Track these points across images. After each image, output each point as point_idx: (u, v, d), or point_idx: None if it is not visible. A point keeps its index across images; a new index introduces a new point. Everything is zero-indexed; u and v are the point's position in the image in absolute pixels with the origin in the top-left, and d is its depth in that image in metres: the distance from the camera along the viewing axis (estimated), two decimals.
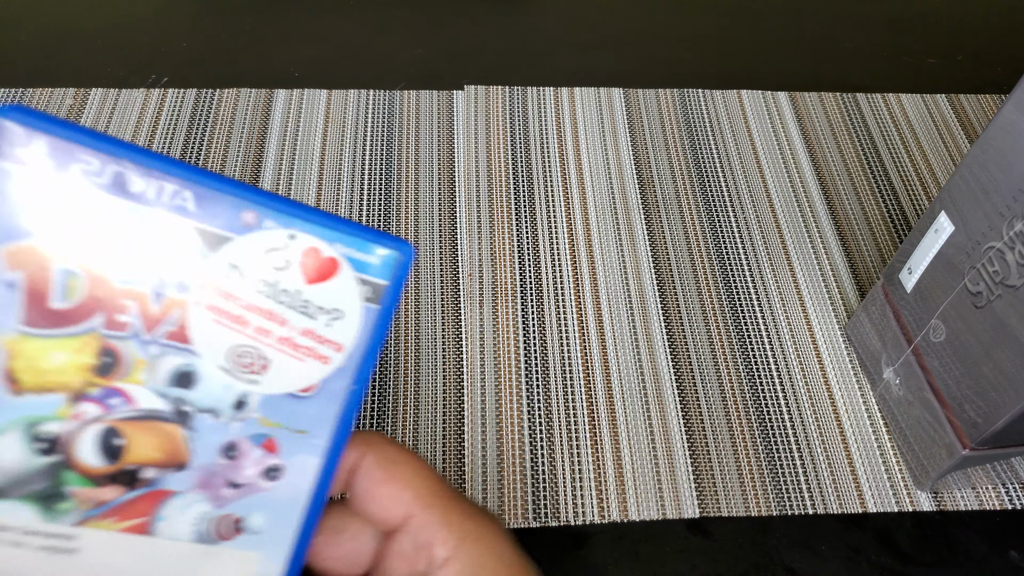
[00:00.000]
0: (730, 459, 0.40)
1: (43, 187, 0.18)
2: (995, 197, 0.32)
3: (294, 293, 0.20)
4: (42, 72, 0.55)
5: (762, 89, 0.57)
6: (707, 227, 0.49)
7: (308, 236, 0.20)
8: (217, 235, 0.19)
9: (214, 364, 0.20)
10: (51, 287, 0.19)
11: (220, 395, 0.21)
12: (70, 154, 0.18)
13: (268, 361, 0.21)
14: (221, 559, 0.21)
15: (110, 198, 0.19)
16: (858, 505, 0.39)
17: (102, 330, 0.20)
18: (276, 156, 0.51)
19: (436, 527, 0.22)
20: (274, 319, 0.20)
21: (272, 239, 0.20)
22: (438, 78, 0.57)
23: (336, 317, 0.21)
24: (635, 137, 0.54)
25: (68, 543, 0.20)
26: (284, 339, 0.21)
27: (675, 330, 0.45)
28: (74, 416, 0.20)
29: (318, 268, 0.20)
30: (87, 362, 0.20)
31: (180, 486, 0.21)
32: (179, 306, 0.20)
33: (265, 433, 0.21)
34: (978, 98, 0.58)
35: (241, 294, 0.20)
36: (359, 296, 0.21)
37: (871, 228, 0.50)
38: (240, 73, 0.56)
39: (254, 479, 0.21)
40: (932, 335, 0.36)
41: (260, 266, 0.20)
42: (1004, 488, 0.40)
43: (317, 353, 0.21)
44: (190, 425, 0.21)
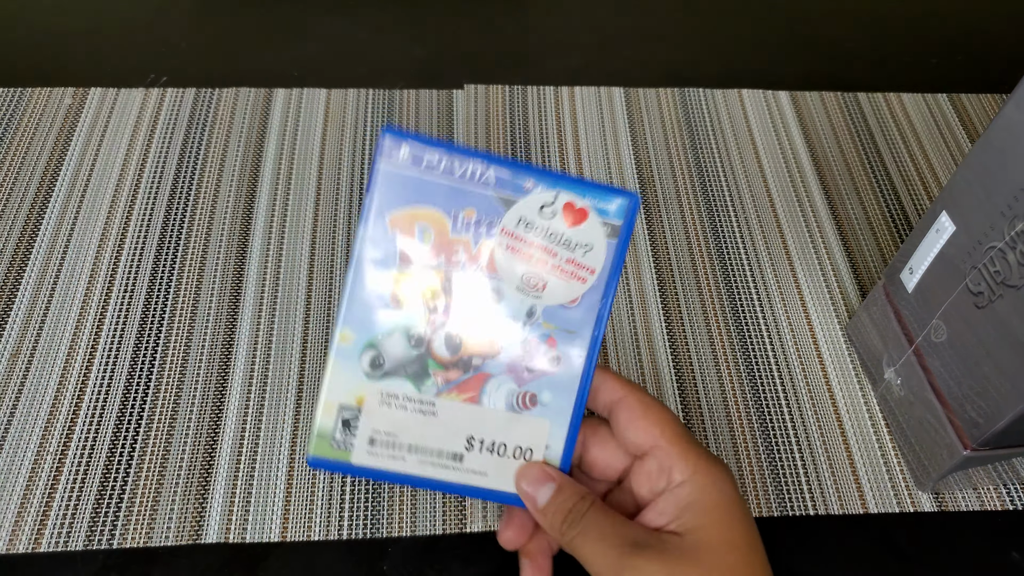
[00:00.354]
0: (731, 460, 0.40)
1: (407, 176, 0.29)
2: (996, 197, 0.32)
3: (560, 234, 0.30)
4: (41, 72, 0.55)
5: (763, 88, 0.57)
6: (708, 226, 0.49)
7: (567, 193, 0.29)
8: (508, 199, 0.29)
9: (512, 285, 0.30)
10: (416, 238, 0.29)
11: (517, 306, 0.30)
12: (421, 154, 0.29)
13: (546, 282, 0.30)
14: (525, 422, 0.31)
15: (444, 180, 0.29)
16: (859, 506, 0.39)
17: (444, 265, 0.30)
18: (275, 155, 0.51)
19: (676, 458, 0.29)
20: (548, 252, 0.30)
21: (543, 197, 0.29)
22: (438, 77, 0.57)
23: (588, 249, 0.30)
24: (635, 137, 0.54)
25: (431, 408, 0.30)
26: (556, 267, 0.30)
27: (675, 330, 0.45)
28: (431, 323, 0.30)
29: (575, 216, 0.29)
30: (436, 287, 0.30)
31: (495, 370, 0.30)
32: (489, 247, 0.30)
33: (547, 333, 0.30)
34: (979, 98, 0.58)
35: (526, 236, 0.30)
36: (603, 234, 0.30)
37: (872, 228, 0.50)
38: (239, 72, 0.56)
39: (544, 365, 0.30)
40: (933, 335, 0.36)
41: (537, 216, 0.29)
42: (1005, 488, 0.40)
43: (578, 276, 0.30)
44: (499, 326, 0.30)
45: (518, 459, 0.31)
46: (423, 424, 0.30)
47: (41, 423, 0.39)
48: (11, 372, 0.41)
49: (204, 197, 0.49)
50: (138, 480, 0.38)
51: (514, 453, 0.31)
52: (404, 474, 0.31)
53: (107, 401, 0.40)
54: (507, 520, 0.33)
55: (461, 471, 0.31)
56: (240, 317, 0.44)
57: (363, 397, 0.30)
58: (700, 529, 0.28)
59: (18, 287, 0.44)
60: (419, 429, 0.30)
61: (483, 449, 0.31)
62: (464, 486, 0.31)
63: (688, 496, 0.28)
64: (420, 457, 0.31)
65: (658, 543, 0.27)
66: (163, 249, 0.46)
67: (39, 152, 0.50)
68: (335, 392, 0.30)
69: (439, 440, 0.31)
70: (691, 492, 0.28)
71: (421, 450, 0.31)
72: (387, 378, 0.30)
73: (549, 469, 0.30)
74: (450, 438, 0.31)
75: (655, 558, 0.27)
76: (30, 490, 0.37)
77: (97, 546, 0.36)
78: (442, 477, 0.31)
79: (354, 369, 0.30)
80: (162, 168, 0.50)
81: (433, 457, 0.31)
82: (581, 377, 0.31)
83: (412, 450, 0.31)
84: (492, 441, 0.31)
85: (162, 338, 0.43)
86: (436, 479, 0.31)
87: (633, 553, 0.27)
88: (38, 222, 0.47)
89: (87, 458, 0.38)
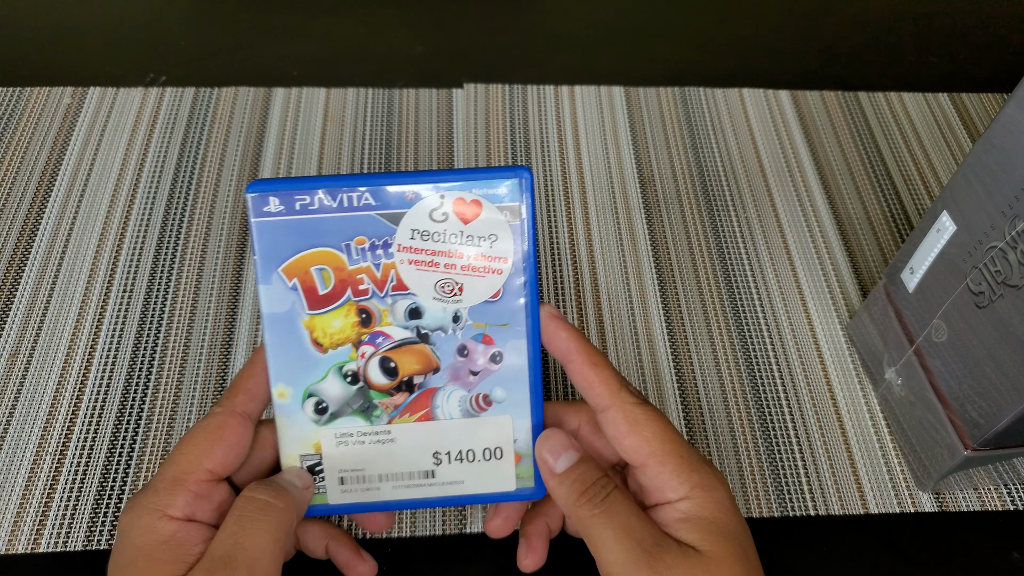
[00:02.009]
0: (731, 459, 0.40)
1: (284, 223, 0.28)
2: (997, 196, 0.32)
3: (459, 233, 0.29)
4: (40, 71, 0.55)
5: (764, 87, 0.57)
6: (708, 226, 0.49)
7: (453, 192, 0.28)
8: (395, 213, 0.28)
9: (428, 297, 0.29)
10: (315, 282, 0.29)
11: (440, 316, 0.29)
12: (291, 198, 0.28)
13: (461, 284, 0.29)
14: (486, 424, 0.30)
15: (324, 216, 0.28)
16: (860, 506, 0.39)
17: (353, 298, 0.29)
18: (275, 155, 0.51)
19: (669, 476, 0.28)
20: (453, 255, 0.29)
21: (430, 203, 0.28)
22: (437, 76, 0.57)
23: (494, 240, 0.29)
24: (636, 135, 0.54)
25: (388, 436, 0.30)
26: (466, 267, 0.29)
27: (676, 329, 0.44)
28: (360, 355, 0.30)
29: (468, 210, 0.29)
30: (353, 320, 0.29)
31: (440, 383, 0.30)
32: (392, 267, 0.29)
33: (480, 332, 0.30)
34: (980, 97, 0.58)
35: (425, 246, 0.29)
36: (504, 220, 0.29)
37: (873, 227, 0.50)
38: (238, 71, 0.56)
39: (486, 365, 0.30)
40: (934, 335, 0.36)
41: (430, 223, 0.28)
42: (1006, 489, 0.40)
43: (492, 268, 0.29)
44: (431, 341, 0.30)
45: (489, 460, 0.31)
46: (386, 453, 0.30)
47: (40, 423, 0.39)
48: (10, 372, 0.41)
49: (203, 196, 0.49)
50: (137, 480, 0.38)
51: (484, 455, 0.31)
52: (383, 502, 0.31)
53: (106, 401, 0.40)
54: (494, 510, 0.33)
55: (437, 485, 0.31)
56: (239, 317, 0.44)
57: (319, 443, 0.30)
58: (705, 542, 0.27)
59: (17, 286, 0.44)
60: (383, 459, 0.30)
61: (452, 460, 0.31)
62: (445, 498, 0.31)
63: (686, 511, 0.28)
64: (393, 484, 0.31)
65: (676, 548, 0.27)
66: (162, 248, 0.46)
67: (38, 151, 0.50)
68: (291, 446, 0.30)
69: (406, 464, 0.31)
70: (689, 508, 0.28)
71: (392, 477, 0.31)
72: (336, 419, 0.30)
73: (570, 439, 0.30)
74: (416, 459, 0.31)
75: (673, 564, 0.26)
76: (29, 490, 0.37)
77: (97, 546, 0.36)
78: (421, 496, 0.31)
79: (301, 421, 0.30)
80: (161, 167, 0.50)
81: (406, 480, 0.31)
82: (529, 365, 0.30)
83: (383, 479, 0.31)
84: (459, 451, 0.30)
85: (161, 337, 0.42)
86: (416, 499, 0.31)
87: (654, 554, 0.26)
88: (37, 221, 0.47)
89: (86, 458, 0.38)
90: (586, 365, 0.29)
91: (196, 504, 0.28)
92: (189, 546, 0.27)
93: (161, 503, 0.27)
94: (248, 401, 0.30)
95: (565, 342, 0.30)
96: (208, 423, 0.29)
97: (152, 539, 0.27)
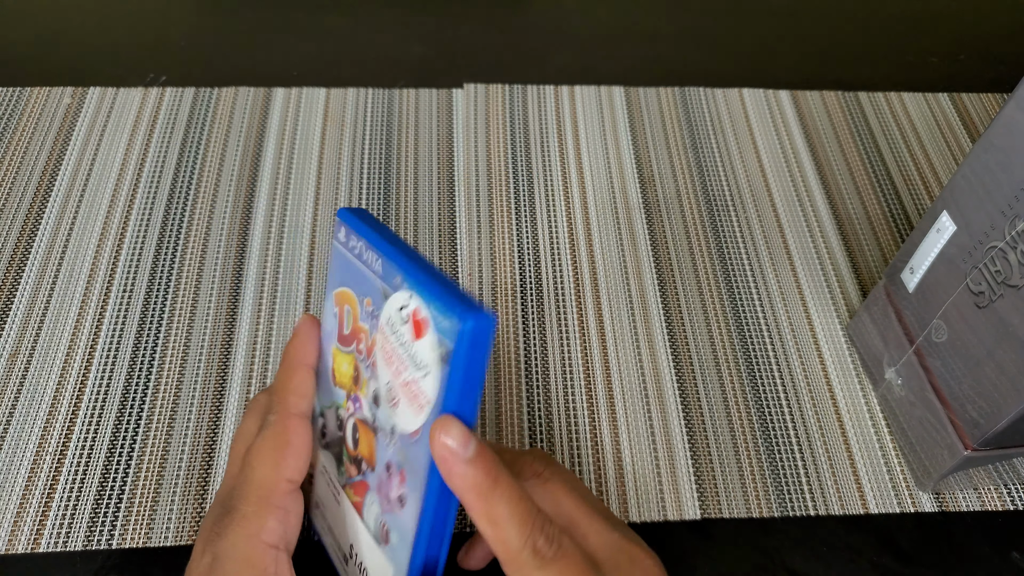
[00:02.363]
0: (731, 460, 0.40)
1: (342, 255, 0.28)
2: (997, 196, 0.32)
3: (408, 345, 0.25)
4: (40, 71, 0.55)
5: (764, 87, 0.57)
6: (708, 226, 0.49)
7: (416, 297, 0.24)
8: (385, 291, 0.26)
9: (382, 394, 0.26)
10: (344, 319, 0.28)
11: (385, 419, 0.26)
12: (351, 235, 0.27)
13: (398, 400, 0.25)
14: (379, 559, 0.27)
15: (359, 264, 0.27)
16: (860, 506, 0.39)
17: (354, 352, 0.27)
18: (274, 155, 0.51)
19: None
20: (402, 365, 0.25)
21: (401, 299, 0.25)
22: (437, 76, 0.57)
23: (426, 373, 0.24)
24: (636, 136, 0.54)
25: (339, 496, 0.29)
26: (404, 384, 0.25)
27: (676, 330, 0.44)
28: (347, 409, 0.28)
29: (417, 327, 0.24)
30: (352, 373, 0.28)
31: (372, 485, 0.27)
32: (374, 344, 0.26)
33: (400, 463, 0.26)
34: (980, 97, 0.58)
35: (390, 340, 0.25)
36: (437, 357, 0.23)
37: (873, 227, 0.50)
38: (238, 71, 0.56)
39: (394, 499, 0.26)
40: (934, 335, 0.36)
41: (398, 318, 0.25)
42: (1006, 489, 0.40)
43: (419, 402, 0.24)
44: (377, 437, 0.27)
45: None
46: (334, 510, 0.30)
47: (40, 423, 0.39)
48: (10, 372, 0.41)
49: (203, 197, 0.49)
50: (137, 480, 0.38)
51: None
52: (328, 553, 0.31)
53: (106, 400, 0.40)
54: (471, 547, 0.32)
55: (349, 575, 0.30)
56: (239, 317, 0.44)
57: (318, 458, 0.31)
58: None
59: (17, 286, 0.44)
60: (332, 513, 0.30)
61: (356, 566, 0.29)
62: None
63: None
64: (330, 540, 0.30)
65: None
66: (162, 248, 0.46)
67: (38, 151, 0.50)
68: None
69: (340, 533, 0.30)
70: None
71: (332, 535, 0.30)
72: (325, 450, 0.30)
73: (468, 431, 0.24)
74: (344, 536, 0.30)
75: None
76: (29, 490, 0.37)
77: (96, 546, 0.36)
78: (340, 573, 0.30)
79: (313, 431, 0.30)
80: (161, 167, 0.50)
81: (336, 547, 0.30)
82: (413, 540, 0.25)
83: (327, 532, 0.30)
84: (361, 563, 0.28)
85: (161, 337, 0.42)
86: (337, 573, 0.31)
87: None
88: (37, 221, 0.47)
89: (86, 458, 0.38)
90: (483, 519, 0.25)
91: (285, 520, 0.27)
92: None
93: (253, 528, 0.27)
94: (300, 400, 0.29)
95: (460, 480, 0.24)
96: (273, 433, 0.28)
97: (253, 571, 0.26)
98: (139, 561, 0.36)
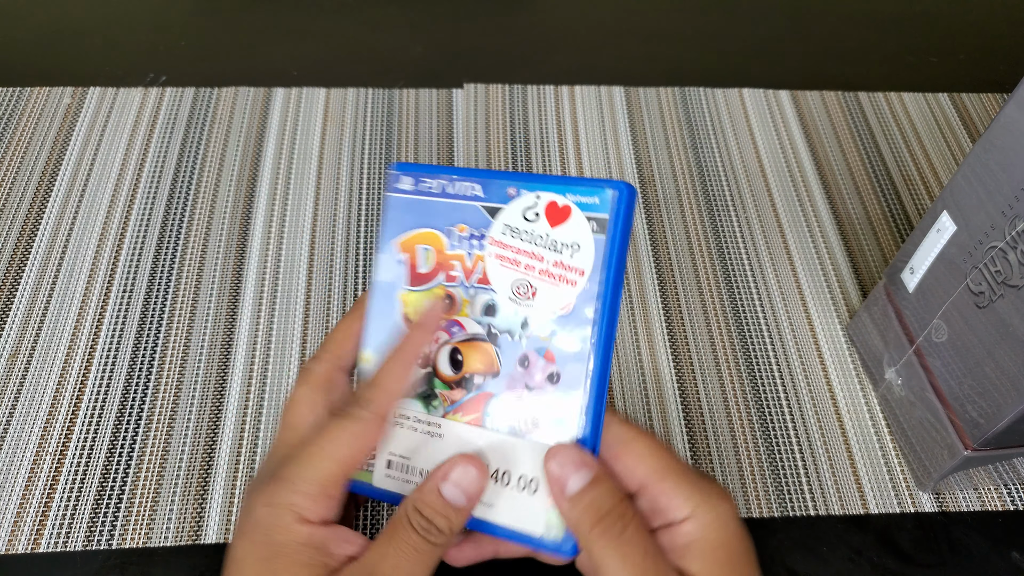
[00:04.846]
0: (731, 460, 0.40)
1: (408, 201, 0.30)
2: (997, 196, 0.32)
3: (545, 236, 0.28)
4: (40, 71, 0.55)
5: (764, 87, 0.57)
6: (708, 226, 0.49)
7: (548, 193, 0.28)
8: (494, 207, 0.29)
9: (505, 296, 0.29)
10: (418, 260, 0.30)
11: (512, 318, 0.29)
12: (419, 179, 0.30)
13: (536, 288, 0.28)
14: (529, 450, 0.28)
15: (439, 200, 0.30)
16: (860, 506, 0.39)
17: (444, 283, 0.30)
18: (275, 154, 0.51)
19: (671, 495, 0.27)
20: (535, 257, 0.29)
21: (526, 201, 0.29)
22: (438, 76, 0.57)
23: (576, 250, 0.28)
24: (636, 136, 0.54)
25: (437, 430, 0.29)
26: (543, 271, 0.28)
27: (676, 330, 0.44)
28: (436, 340, 0.30)
29: (557, 215, 0.28)
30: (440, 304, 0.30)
31: (496, 390, 0.29)
32: (481, 259, 0.29)
33: (544, 346, 0.28)
34: (980, 97, 0.58)
35: (512, 243, 0.29)
36: (589, 230, 0.28)
37: (873, 227, 0.50)
38: (238, 71, 0.56)
39: (542, 383, 0.28)
40: (934, 335, 0.36)
41: (521, 221, 0.29)
42: (1006, 489, 0.40)
43: (567, 278, 0.28)
44: (498, 343, 0.29)
45: (523, 491, 0.28)
46: (431, 448, 0.29)
47: (40, 423, 0.39)
48: (10, 372, 0.41)
49: (203, 197, 0.49)
50: (137, 480, 0.38)
51: (518, 484, 0.28)
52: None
53: (106, 401, 0.40)
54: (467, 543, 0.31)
55: None
56: (239, 317, 0.44)
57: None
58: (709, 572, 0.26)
59: (17, 286, 0.44)
60: (428, 453, 0.29)
61: (488, 477, 0.29)
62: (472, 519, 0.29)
63: (690, 535, 0.27)
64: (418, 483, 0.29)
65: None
66: (162, 249, 0.46)
67: (38, 151, 0.50)
68: None
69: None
70: (693, 530, 0.27)
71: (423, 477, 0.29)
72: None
73: (585, 454, 0.27)
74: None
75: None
76: (29, 490, 0.37)
77: (96, 546, 0.36)
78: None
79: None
80: (161, 167, 0.50)
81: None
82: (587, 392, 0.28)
83: (423, 476, 0.29)
84: (496, 468, 0.28)
85: (161, 338, 0.42)
86: None
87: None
88: (37, 221, 0.47)
89: (86, 458, 0.38)
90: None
91: (331, 507, 0.27)
92: (329, 549, 0.27)
93: (300, 506, 0.27)
94: (392, 401, 0.29)
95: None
96: (357, 431, 0.28)
97: (294, 538, 0.26)
98: (139, 561, 0.36)
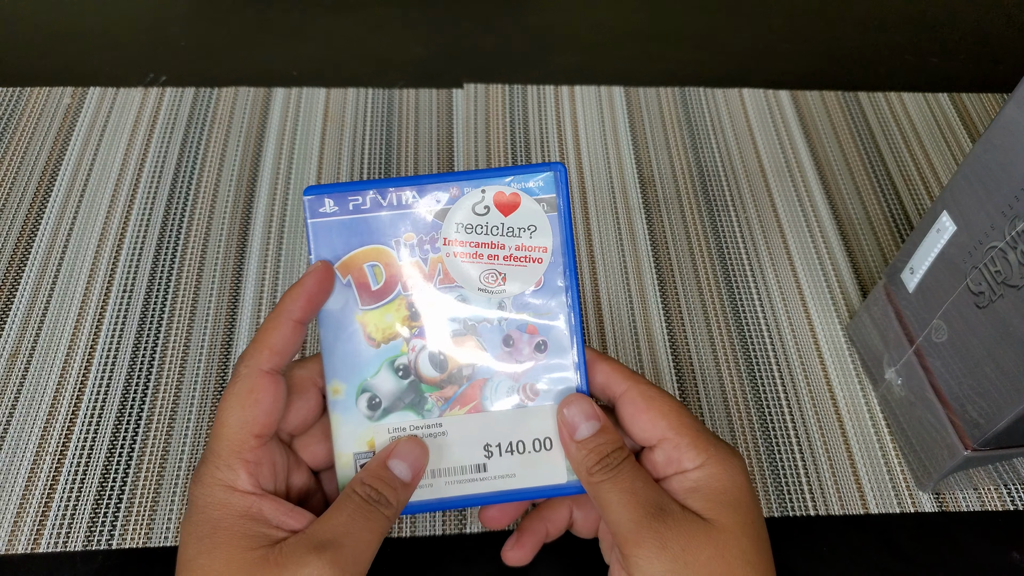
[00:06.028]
0: None
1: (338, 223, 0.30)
2: (997, 196, 0.32)
3: (500, 225, 0.30)
4: (40, 71, 0.55)
5: (764, 87, 0.57)
6: (708, 226, 0.49)
7: (492, 186, 0.30)
8: (441, 210, 0.30)
9: (474, 288, 0.30)
10: (368, 279, 0.30)
11: (486, 306, 0.31)
12: (344, 199, 0.30)
13: (504, 274, 0.30)
14: (534, 414, 0.31)
15: (376, 215, 0.30)
16: (860, 506, 0.39)
17: (403, 293, 0.30)
18: (275, 154, 0.51)
19: (686, 448, 0.29)
20: (496, 246, 0.30)
21: (473, 198, 0.30)
22: (437, 76, 0.57)
23: (534, 231, 0.30)
24: (636, 136, 0.54)
25: (439, 429, 0.31)
26: (508, 257, 0.30)
27: (676, 330, 0.44)
28: (411, 349, 0.31)
29: (507, 204, 0.30)
30: (404, 315, 0.30)
31: (488, 374, 0.31)
32: (440, 261, 0.30)
33: (524, 321, 0.31)
34: (980, 97, 0.58)
35: (470, 238, 0.30)
36: (542, 211, 0.30)
37: (873, 227, 0.50)
38: (238, 72, 0.56)
39: (531, 354, 0.31)
40: (934, 335, 0.36)
41: (473, 217, 0.30)
42: (1006, 489, 0.40)
43: (532, 258, 0.31)
44: (477, 332, 0.31)
45: (539, 452, 0.31)
46: (437, 447, 0.31)
47: (40, 423, 0.39)
48: (10, 372, 0.41)
49: (203, 197, 0.49)
50: (137, 480, 0.38)
51: (534, 446, 0.31)
52: (437, 499, 0.31)
53: (106, 401, 0.40)
54: (518, 541, 0.33)
55: (489, 479, 0.31)
56: (239, 317, 0.44)
57: (372, 440, 0.30)
58: (712, 511, 0.28)
59: (17, 286, 0.44)
60: (435, 453, 0.31)
61: (503, 452, 0.31)
62: (498, 493, 0.31)
63: (697, 481, 0.29)
64: (446, 479, 0.31)
65: (680, 512, 0.28)
66: (162, 249, 0.46)
67: (38, 151, 0.50)
68: (344, 444, 0.30)
69: (458, 458, 0.31)
70: (700, 477, 0.29)
71: (444, 472, 0.31)
72: (388, 414, 0.30)
73: (597, 407, 0.30)
74: (467, 452, 0.31)
75: (675, 526, 0.27)
76: (29, 490, 0.37)
77: (96, 546, 0.36)
78: (473, 491, 0.31)
79: (355, 417, 0.30)
80: (161, 167, 0.50)
81: (458, 475, 0.31)
82: (573, 351, 0.31)
83: (436, 475, 0.31)
84: (509, 442, 0.31)
85: (161, 338, 0.42)
86: (468, 495, 0.31)
87: (657, 516, 0.27)
88: (37, 221, 0.47)
89: (86, 458, 0.38)
90: (599, 360, 0.31)
91: (258, 473, 0.28)
92: (267, 520, 0.27)
93: (227, 478, 0.27)
94: (273, 356, 0.29)
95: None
96: (238, 388, 0.28)
97: (229, 512, 0.27)
98: (139, 561, 0.36)
